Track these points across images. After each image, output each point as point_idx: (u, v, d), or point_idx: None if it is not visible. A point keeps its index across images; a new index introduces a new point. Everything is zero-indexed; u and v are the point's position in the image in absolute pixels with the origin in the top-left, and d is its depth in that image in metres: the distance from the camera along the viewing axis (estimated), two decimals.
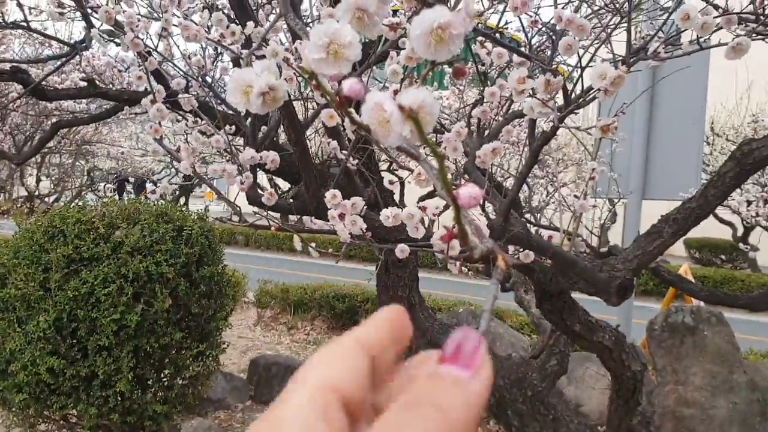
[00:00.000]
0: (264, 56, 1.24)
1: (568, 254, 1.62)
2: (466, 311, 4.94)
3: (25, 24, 1.99)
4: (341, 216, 1.49)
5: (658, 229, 1.71)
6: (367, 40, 2.49)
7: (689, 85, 4.43)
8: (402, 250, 1.39)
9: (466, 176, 1.89)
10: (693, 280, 4.29)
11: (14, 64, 2.59)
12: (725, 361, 3.11)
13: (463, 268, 1.52)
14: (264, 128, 2.47)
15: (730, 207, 10.64)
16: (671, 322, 3.18)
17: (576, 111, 1.28)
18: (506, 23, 3.30)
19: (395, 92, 1.33)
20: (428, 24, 0.47)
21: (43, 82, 3.03)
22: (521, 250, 1.62)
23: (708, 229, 9.34)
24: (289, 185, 4.31)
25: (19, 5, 1.82)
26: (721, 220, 12.33)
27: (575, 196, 1.91)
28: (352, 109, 0.44)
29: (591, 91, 1.61)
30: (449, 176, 0.52)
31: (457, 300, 7.59)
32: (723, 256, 15.88)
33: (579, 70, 1.60)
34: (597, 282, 1.65)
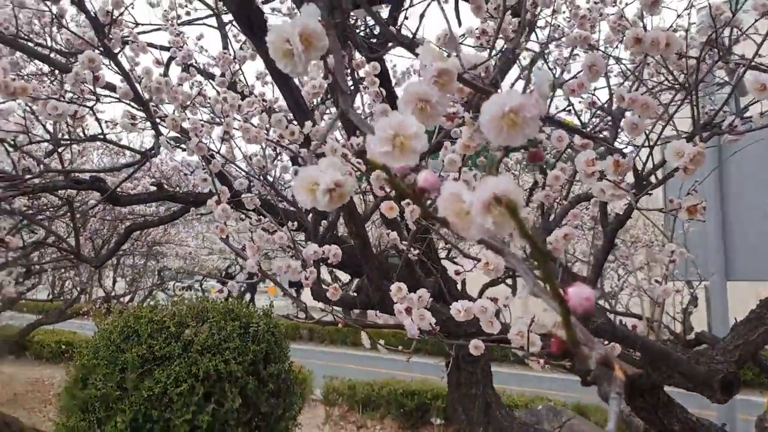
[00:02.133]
0: (323, 153, 1.25)
1: (659, 345, 1.48)
2: (545, 407, 4.63)
3: (102, 137, 2.13)
4: (408, 310, 1.43)
5: (759, 315, 1.55)
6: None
7: (762, 158, 4.23)
8: (476, 347, 1.31)
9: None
10: None
11: (92, 173, 2.76)
12: None
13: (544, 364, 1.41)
14: (324, 222, 2.49)
15: None
16: None
17: (650, 192, 1.20)
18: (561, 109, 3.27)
19: (455, 180, 1.28)
20: (498, 108, 0.44)
21: (117, 189, 3.20)
22: (606, 343, 1.49)
23: None
24: (349, 276, 4.26)
25: (97, 120, 1.95)
26: None
27: (656, 281, 1.78)
28: (424, 201, 0.40)
29: (661, 167, 1.53)
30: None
31: (534, 395, 7.15)
32: None
33: (643, 149, 1.53)
34: (696, 376, 1.49)
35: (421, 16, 1.38)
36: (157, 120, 2.00)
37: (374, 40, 2.37)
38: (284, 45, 0.51)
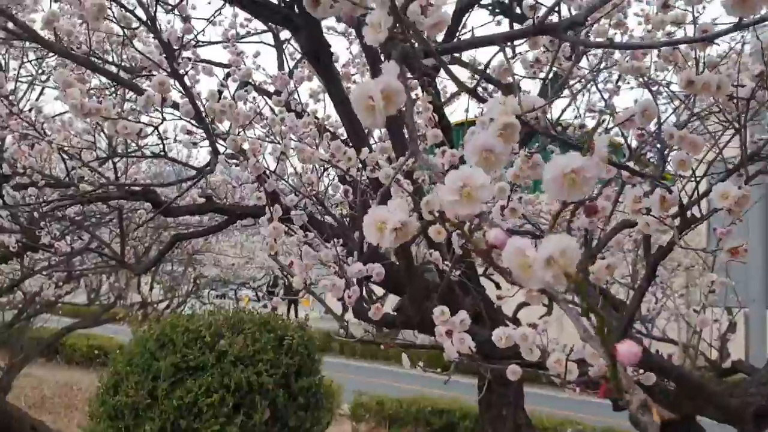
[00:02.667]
0: (377, 178, 1.32)
1: (695, 377, 1.50)
2: (574, 431, 4.59)
3: (164, 154, 2.25)
4: (448, 333, 1.47)
5: None
6: None
7: None
8: (514, 373, 1.34)
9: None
10: None
11: (145, 186, 2.89)
12: None
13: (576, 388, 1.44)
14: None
15: None
16: None
17: (693, 227, 1.23)
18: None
19: (502, 208, 1.33)
20: (560, 169, 0.49)
21: (165, 198, 3.32)
22: (641, 371, 1.51)
23: None
24: (383, 291, 4.29)
25: (159, 137, 2.06)
26: None
27: (694, 311, 1.79)
28: (493, 255, 0.45)
29: (706, 196, 1.54)
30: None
31: (564, 418, 7.06)
32: None
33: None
34: (728, 408, 1.50)
35: (486, 65, 1.44)
36: (215, 138, 2.10)
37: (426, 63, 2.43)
38: (367, 101, 0.57)
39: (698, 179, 1.37)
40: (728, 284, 4.30)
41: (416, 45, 0.76)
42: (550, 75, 2.40)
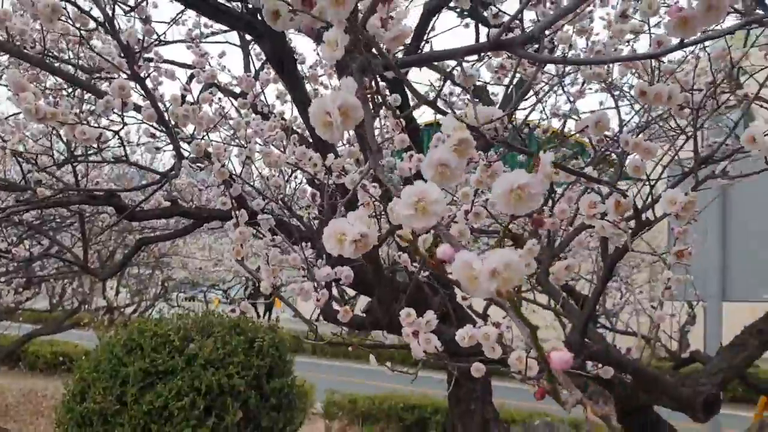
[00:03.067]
0: (343, 184, 1.34)
1: (649, 371, 1.57)
2: (542, 423, 4.69)
3: (125, 158, 2.22)
4: (415, 333, 1.50)
5: (742, 341, 1.64)
6: None
7: (764, 185, 4.28)
8: (477, 370, 1.38)
9: (539, 287, 1.88)
10: None
11: (107, 190, 2.85)
12: None
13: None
14: None
15: None
16: None
17: (648, 228, 1.28)
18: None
19: (466, 212, 1.36)
20: (508, 185, 0.52)
21: (129, 202, 3.27)
22: (600, 366, 1.57)
23: None
24: (355, 292, 4.31)
25: (121, 141, 2.03)
26: None
27: (652, 307, 1.86)
28: (444, 268, 0.48)
29: (657, 201, 1.61)
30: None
31: (532, 410, 7.18)
32: None
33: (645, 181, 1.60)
34: (681, 398, 1.58)
35: (452, 70, 1.47)
36: (179, 142, 2.08)
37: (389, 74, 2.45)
38: (324, 117, 0.59)
39: (653, 182, 1.42)
40: (686, 280, 4.44)
41: (377, 57, 0.78)
42: (515, 81, 2.44)
